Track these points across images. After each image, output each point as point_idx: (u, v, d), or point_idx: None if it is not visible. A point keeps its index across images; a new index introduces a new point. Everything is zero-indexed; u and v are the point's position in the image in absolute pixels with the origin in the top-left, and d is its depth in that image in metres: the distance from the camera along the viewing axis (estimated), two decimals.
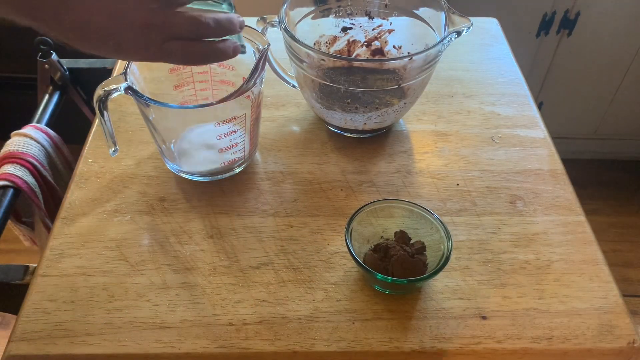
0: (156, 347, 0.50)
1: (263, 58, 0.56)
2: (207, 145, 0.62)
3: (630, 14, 1.44)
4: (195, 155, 0.63)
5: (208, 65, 0.64)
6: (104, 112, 0.56)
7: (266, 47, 0.57)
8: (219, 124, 0.57)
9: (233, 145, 0.60)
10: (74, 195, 0.62)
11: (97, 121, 0.71)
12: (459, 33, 0.61)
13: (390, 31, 0.72)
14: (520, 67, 0.81)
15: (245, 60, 0.61)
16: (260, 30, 0.63)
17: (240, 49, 0.48)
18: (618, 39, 1.48)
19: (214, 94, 0.66)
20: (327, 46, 0.73)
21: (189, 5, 0.45)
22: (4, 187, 0.75)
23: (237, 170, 0.64)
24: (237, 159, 0.63)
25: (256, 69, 0.55)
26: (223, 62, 0.63)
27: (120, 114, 0.72)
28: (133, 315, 0.52)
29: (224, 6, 0.49)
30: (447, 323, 0.51)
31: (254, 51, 0.60)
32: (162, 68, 0.62)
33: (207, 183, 0.64)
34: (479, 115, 0.73)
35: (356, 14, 0.72)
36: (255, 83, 0.55)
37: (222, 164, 0.62)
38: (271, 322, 0.51)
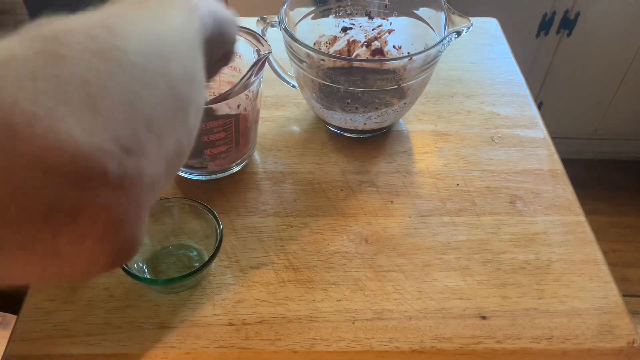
0: (156, 347, 0.50)
1: (260, 63, 0.55)
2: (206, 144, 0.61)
3: (630, 14, 1.44)
4: (194, 155, 0.63)
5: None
6: None
7: (266, 53, 0.56)
8: (214, 123, 0.57)
9: (229, 144, 0.60)
10: None
11: None
12: (459, 33, 0.61)
13: (390, 31, 0.72)
14: (520, 67, 0.81)
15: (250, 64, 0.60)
16: (260, 31, 0.63)
17: None
18: (618, 39, 1.48)
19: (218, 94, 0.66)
20: (327, 46, 0.73)
21: None
22: None
23: (235, 169, 0.64)
24: (232, 158, 0.62)
25: (250, 74, 0.54)
26: (231, 64, 0.63)
27: None
28: (133, 315, 0.52)
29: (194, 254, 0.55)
30: (447, 323, 0.51)
31: (253, 51, 0.59)
32: None
33: (206, 183, 0.64)
34: (479, 115, 0.73)
35: (356, 14, 0.72)
36: (246, 85, 0.55)
37: (219, 163, 0.62)
38: (271, 322, 0.51)
